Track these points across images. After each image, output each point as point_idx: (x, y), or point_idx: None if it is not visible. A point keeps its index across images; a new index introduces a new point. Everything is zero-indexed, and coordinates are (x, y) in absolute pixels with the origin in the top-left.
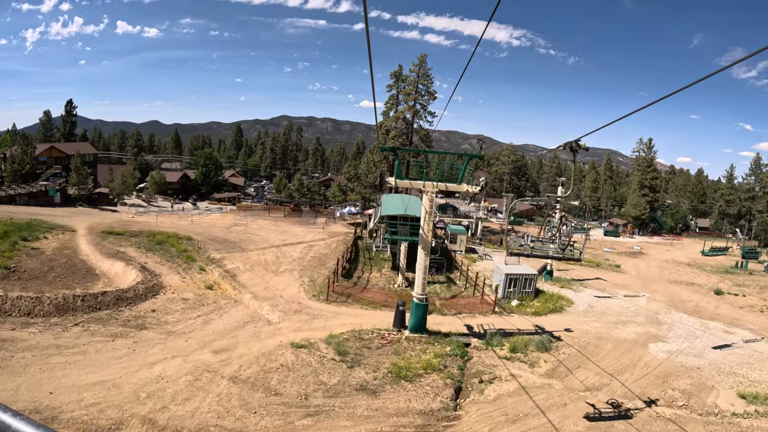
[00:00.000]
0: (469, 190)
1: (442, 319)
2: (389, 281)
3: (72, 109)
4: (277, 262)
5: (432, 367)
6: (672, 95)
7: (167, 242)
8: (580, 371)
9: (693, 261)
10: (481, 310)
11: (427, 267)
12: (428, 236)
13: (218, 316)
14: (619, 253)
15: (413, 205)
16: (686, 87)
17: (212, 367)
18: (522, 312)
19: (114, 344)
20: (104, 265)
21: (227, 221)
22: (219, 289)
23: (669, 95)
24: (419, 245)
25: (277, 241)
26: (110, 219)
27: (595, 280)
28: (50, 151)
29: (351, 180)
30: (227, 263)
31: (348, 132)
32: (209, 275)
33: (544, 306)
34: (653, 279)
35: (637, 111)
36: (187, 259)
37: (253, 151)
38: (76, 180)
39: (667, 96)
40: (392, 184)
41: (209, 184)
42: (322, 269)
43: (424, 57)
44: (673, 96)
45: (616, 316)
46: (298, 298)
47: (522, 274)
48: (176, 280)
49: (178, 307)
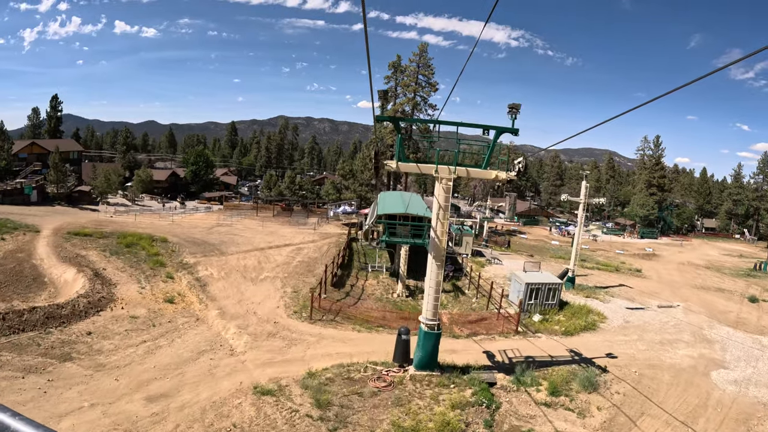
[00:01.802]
0: (500, 176)
1: (455, 343)
2: (387, 290)
3: (57, 105)
4: (258, 268)
5: (451, 428)
6: (668, 94)
7: (138, 244)
8: (644, 420)
9: (709, 263)
10: (501, 330)
11: (441, 283)
12: (443, 241)
13: (169, 341)
14: (632, 255)
15: (415, 203)
16: (682, 86)
17: (138, 426)
18: (548, 330)
19: (23, 383)
20: (56, 272)
21: (211, 221)
22: (182, 302)
23: (665, 94)
24: (430, 253)
25: (261, 243)
26: (85, 218)
27: (620, 288)
28: (31, 148)
29: (346, 177)
30: (200, 269)
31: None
32: (175, 284)
33: (573, 323)
34: (679, 284)
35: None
36: (155, 265)
37: (248, 150)
38: (55, 177)
39: (663, 95)
40: (392, 168)
41: (199, 183)
42: (309, 277)
43: (425, 46)
44: (671, 97)
45: (658, 332)
46: (275, 316)
47: (545, 284)
48: (132, 292)
49: (121, 329)
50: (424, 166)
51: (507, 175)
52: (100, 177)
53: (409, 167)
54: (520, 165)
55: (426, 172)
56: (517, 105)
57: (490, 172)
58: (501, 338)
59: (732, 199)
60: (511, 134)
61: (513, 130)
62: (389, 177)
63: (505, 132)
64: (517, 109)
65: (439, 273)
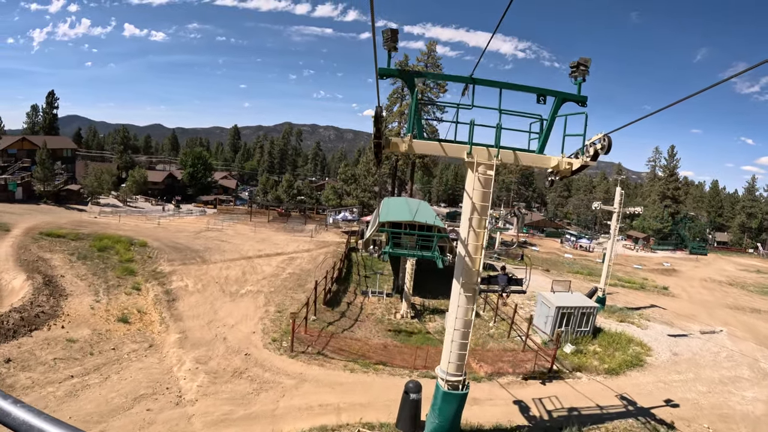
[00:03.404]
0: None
1: (476, 388)
2: (389, 309)
3: (54, 102)
4: (242, 280)
5: None
6: (672, 105)
7: (112, 248)
8: None
9: (731, 279)
10: (531, 368)
11: (472, 323)
12: (476, 262)
13: (103, 378)
14: (651, 270)
15: (423, 210)
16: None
17: None
18: (587, 367)
19: None
20: (6, 277)
21: (200, 225)
22: (139, 322)
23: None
24: (457, 279)
25: (250, 251)
26: (66, 218)
27: (651, 309)
28: (21, 143)
29: (347, 182)
30: (174, 280)
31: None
32: (139, 298)
33: (614, 357)
34: (711, 305)
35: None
36: (124, 272)
37: (251, 155)
38: (42, 175)
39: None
40: (401, 150)
41: (197, 186)
42: (299, 292)
43: (434, 45)
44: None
45: (714, 367)
46: (249, 345)
47: (578, 307)
48: (83, 306)
49: (51, 356)
50: (451, 146)
51: (580, 160)
52: (91, 176)
53: (428, 147)
54: (599, 145)
55: (454, 156)
56: (585, 60)
57: (548, 157)
58: (533, 380)
59: (746, 212)
60: (577, 104)
61: (579, 98)
62: (393, 182)
63: (569, 100)
64: (585, 67)
65: (469, 308)
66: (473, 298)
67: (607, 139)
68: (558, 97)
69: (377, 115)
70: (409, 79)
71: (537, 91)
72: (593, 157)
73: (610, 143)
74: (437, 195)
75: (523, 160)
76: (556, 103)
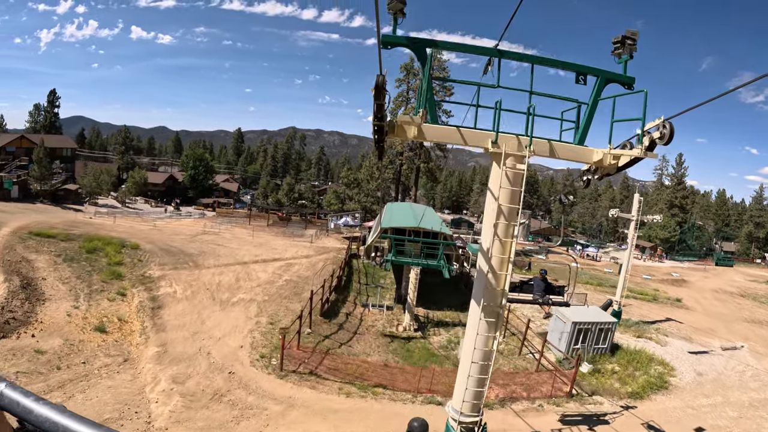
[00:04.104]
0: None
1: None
2: (391, 321)
3: (55, 100)
4: (234, 287)
5: None
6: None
7: (102, 250)
8: None
9: (742, 290)
10: (547, 392)
11: (493, 354)
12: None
13: (65, 398)
14: (660, 281)
15: (429, 216)
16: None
17: None
18: (607, 389)
19: None
20: None
21: (196, 228)
22: (117, 332)
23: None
24: (476, 300)
25: (246, 256)
26: (60, 218)
27: (668, 323)
28: (20, 141)
29: (350, 187)
30: (163, 285)
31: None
32: (123, 304)
33: (635, 377)
34: (727, 318)
35: None
36: (111, 276)
37: (255, 159)
38: (39, 173)
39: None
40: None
41: (198, 188)
42: (295, 301)
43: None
44: (681, 119)
45: (742, 389)
46: (234, 361)
47: (595, 323)
48: (59, 313)
49: (13, 369)
50: (472, 133)
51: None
52: (89, 176)
53: (442, 133)
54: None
55: (474, 145)
56: (632, 33)
57: (591, 150)
58: (550, 405)
59: (753, 222)
60: (623, 86)
61: (626, 78)
62: (397, 187)
63: (614, 81)
64: (633, 41)
65: (490, 337)
66: (496, 324)
67: (668, 126)
68: (601, 77)
69: (378, 85)
70: (420, 50)
71: (576, 69)
72: (650, 147)
73: (672, 131)
74: (441, 202)
75: (560, 152)
76: (598, 83)
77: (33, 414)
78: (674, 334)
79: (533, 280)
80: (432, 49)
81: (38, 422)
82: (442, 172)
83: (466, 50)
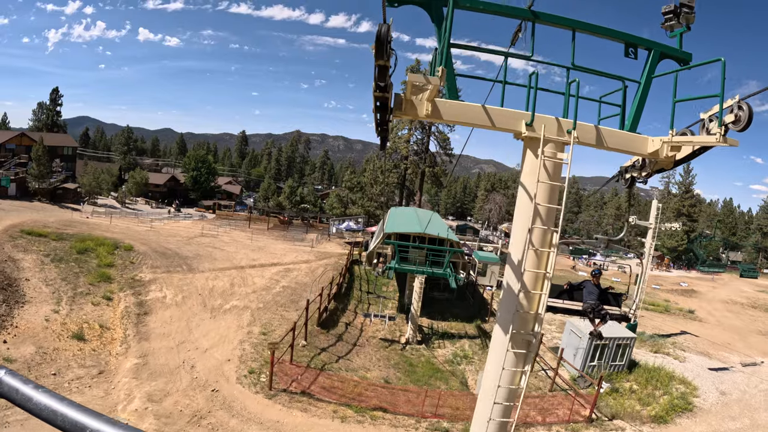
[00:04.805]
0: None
1: None
2: (393, 332)
3: (57, 99)
4: (228, 293)
5: None
6: None
7: (93, 251)
8: None
9: (752, 301)
10: (563, 415)
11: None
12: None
13: (21, 419)
14: (669, 291)
15: (435, 222)
16: None
17: None
18: (626, 411)
19: None
20: None
21: (194, 230)
22: (97, 339)
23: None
24: (502, 326)
25: (243, 260)
26: (55, 217)
27: (684, 336)
28: (20, 139)
29: (353, 190)
30: (153, 290)
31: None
32: (107, 309)
33: (655, 397)
34: (742, 330)
35: None
36: (99, 279)
37: (259, 162)
38: (37, 171)
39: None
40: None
41: (199, 190)
42: (291, 310)
43: None
44: None
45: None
46: (220, 377)
47: (613, 338)
48: (38, 317)
49: None
50: (501, 112)
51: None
52: (89, 175)
53: (463, 111)
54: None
55: (503, 127)
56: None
57: (645, 138)
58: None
59: (761, 231)
60: (677, 62)
61: (682, 54)
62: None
63: (669, 57)
64: (690, 8)
65: (518, 372)
66: (527, 357)
67: (745, 108)
68: (655, 51)
69: (380, 36)
70: (436, 8)
71: (626, 38)
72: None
73: (751, 113)
74: (445, 208)
75: (608, 141)
76: (651, 58)
77: (32, 401)
78: (691, 348)
79: (584, 284)
80: (447, 9)
81: (37, 410)
82: (447, 177)
83: (493, 10)
